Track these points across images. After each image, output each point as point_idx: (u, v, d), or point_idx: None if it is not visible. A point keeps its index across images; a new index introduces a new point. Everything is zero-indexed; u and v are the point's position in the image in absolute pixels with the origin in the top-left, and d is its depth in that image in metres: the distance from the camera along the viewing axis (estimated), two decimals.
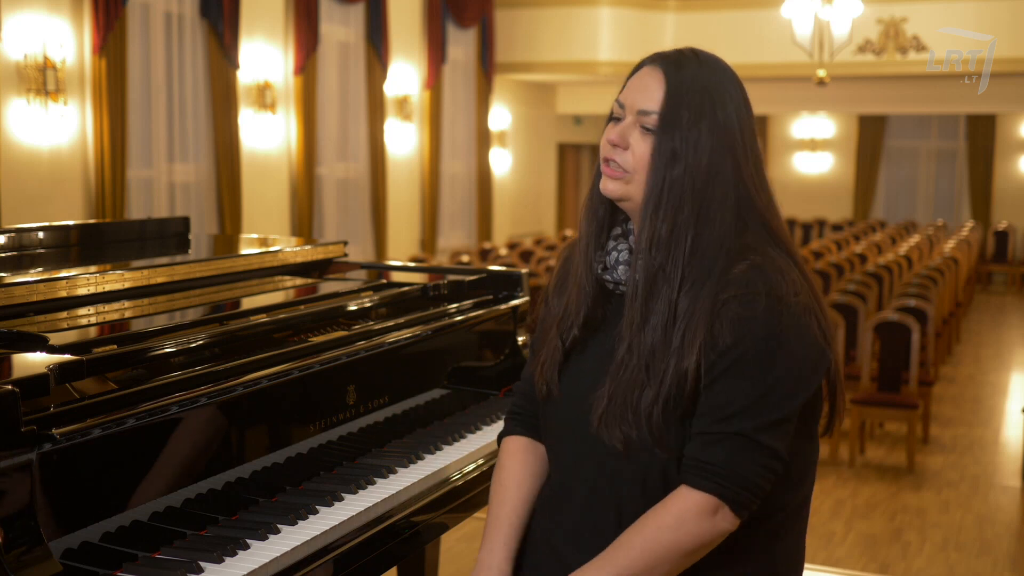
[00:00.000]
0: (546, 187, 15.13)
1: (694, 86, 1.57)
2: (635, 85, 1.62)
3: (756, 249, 1.56)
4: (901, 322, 5.81)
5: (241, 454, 1.92)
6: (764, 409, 1.49)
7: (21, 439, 1.46)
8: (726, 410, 1.49)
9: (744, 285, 1.51)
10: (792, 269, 1.56)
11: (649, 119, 1.57)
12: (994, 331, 11.21)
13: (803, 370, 1.52)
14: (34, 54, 6.82)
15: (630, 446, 1.54)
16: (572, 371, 1.68)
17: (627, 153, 1.59)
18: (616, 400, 1.54)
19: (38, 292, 2.01)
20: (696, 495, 1.50)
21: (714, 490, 1.49)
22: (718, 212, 1.55)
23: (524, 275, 2.84)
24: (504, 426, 1.86)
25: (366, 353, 2.22)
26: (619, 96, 1.64)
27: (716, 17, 12.66)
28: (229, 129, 8.43)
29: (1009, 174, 15.79)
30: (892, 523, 4.93)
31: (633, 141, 1.59)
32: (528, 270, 2.92)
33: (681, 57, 1.61)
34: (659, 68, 1.60)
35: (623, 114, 1.62)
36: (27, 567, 1.43)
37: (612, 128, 1.62)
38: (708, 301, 1.52)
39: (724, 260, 1.54)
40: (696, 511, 1.49)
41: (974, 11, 11.49)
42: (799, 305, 1.52)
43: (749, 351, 1.49)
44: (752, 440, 1.49)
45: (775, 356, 1.49)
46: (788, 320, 1.50)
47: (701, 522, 1.49)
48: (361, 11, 10.19)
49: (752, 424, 1.49)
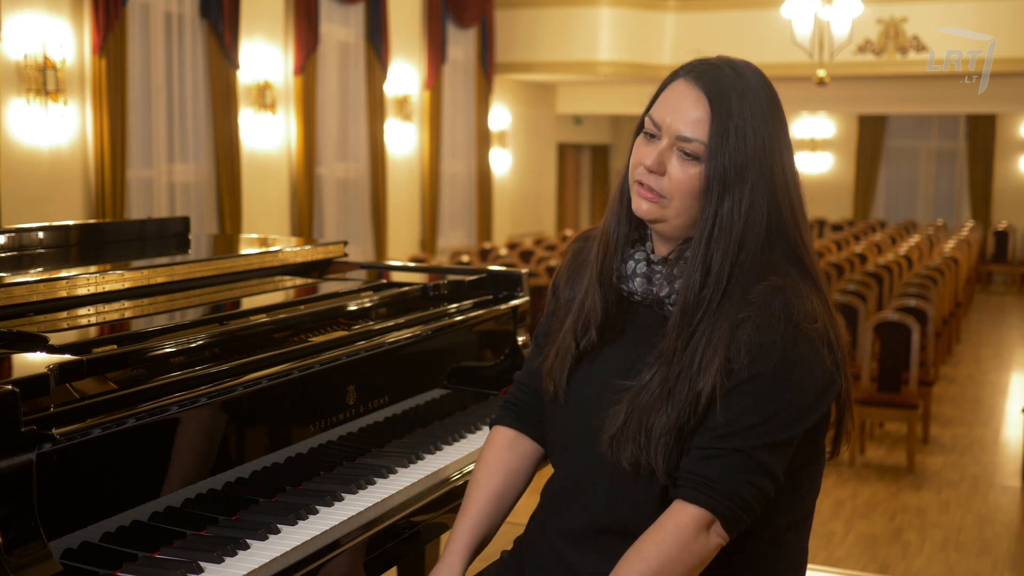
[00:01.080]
0: (546, 187, 15.13)
1: (737, 109, 1.51)
2: (671, 103, 1.55)
3: (778, 270, 1.53)
4: (901, 322, 5.81)
5: (241, 454, 1.92)
6: (767, 431, 1.47)
7: (21, 439, 1.46)
8: (728, 427, 1.48)
9: (762, 307, 1.48)
10: (813, 295, 1.53)
11: (691, 146, 1.52)
12: (994, 331, 11.21)
13: (810, 398, 1.50)
14: (34, 54, 6.82)
15: (639, 469, 1.53)
16: (582, 376, 1.66)
17: (664, 178, 1.54)
18: (631, 423, 1.52)
19: (38, 292, 2.01)
20: (691, 509, 1.48)
21: (707, 504, 1.47)
22: (753, 237, 1.52)
23: (524, 275, 2.84)
24: (498, 413, 1.85)
25: (366, 353, 2.22)
26: (651, 112, 1.57)
27: (716, 17, 12.66)
28: (229, 129, 8.43)
29: (1009, 174, 15.79)
30: (892, 523, 4.93)
31: (671, 167, 1.53)
32: (528, 270, 2.92)
33: (718, 74, 1.54)
34: (698, 87, 1.53)
35: (658, 134, 1.55)
36: (27, 567, 1.43)
37: (647, 149, 1.56)
38: (726, 323, 1.50)
39: (748, 279, 1.52)
40: (693, 526, 1.48)
41: (974, 11, 11.49)
42: (814, 331, 1.49)
43: (760, 375, 1.47)
44: (750, 458, 1.47)
45: (785, 382, 1.47)
46: (803, 348, 1.48)
47: (698, 536, 1.48)
48: (361, 11, 10.19)
49: (752, 443, 1.47)
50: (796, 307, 1.49)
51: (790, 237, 1.56)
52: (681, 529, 1.48)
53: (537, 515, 1.75)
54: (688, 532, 1.47)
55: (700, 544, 1.48)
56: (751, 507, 1.48)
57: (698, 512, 1.48)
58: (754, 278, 1.51)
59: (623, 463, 1.53)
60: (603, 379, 1.62)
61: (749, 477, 1.47)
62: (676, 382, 1.51)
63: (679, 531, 1.48)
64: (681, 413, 1.50)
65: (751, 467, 1.47)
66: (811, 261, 1.57)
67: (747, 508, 1.48)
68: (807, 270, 1.56)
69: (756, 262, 1.52)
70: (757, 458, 1.47)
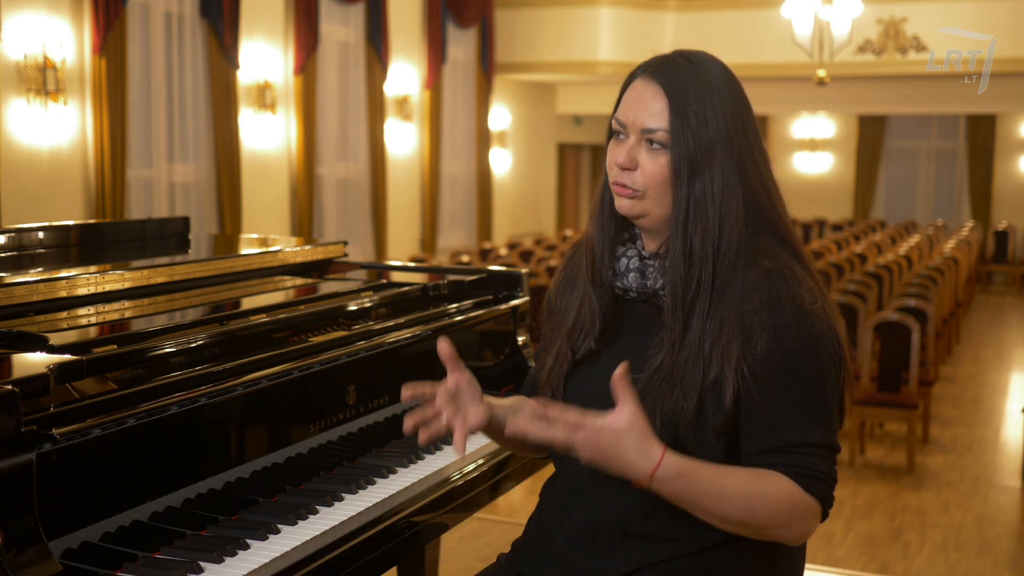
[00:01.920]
0: (546, 187, 15.13)
1: (694, 94, 1.55)
2: (632, 101, 1.60)
3: (767, 254, 1.56)
4: (901, 322, 5.81)
5: (241, 454, 1.92)
6: (829, 416, 1.53)
7: (21, 439, 1.46)
8: (803, 421, 1.51)
9: (766, 292, 1.52)
10: (806, 276, 1.57)
11: (656, 136, 1.56)
12: (994, 331, 11.21)
13: (835, 372, 1.56)
14: (34, 54, 6.82)
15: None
16: (581, 380, 1.68)
17: (636, 173, 1.58)
18: (645, 410, 1.53)
19: (38, 292, 2.01)
20: (810, 500, 1.51)
21: (823, 498, 1.53)
22: (733, 217, 1.56)
23: (524, 275, 2.84)
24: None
25: (366, 353, 2.22)
26: (616, 114, 1.62)
27: (716, 17, 12.66)
28: (229, 129, 8.43)
29: (1009, 174, 15.80)
30: (892, 523, 4.93)
31: (642, 160, 1.58)
32: (528, 270, 2.92)
33: (673, 65, 1.59)
34: (654, 81, 1.58)
35: (625, 132, 1.60)
36: (27, 567, 1.43)
37: (618, 150, 1.60)
38: (733, 310, 1.52)
39: (739, 264, 1.55)
40: (810, 512, 1.52)
41: (974, 11, 11.49)
42: (821, 311, 1.54)
43: (797, 361, 1.51)
44: (834, 450, 1.54)
45: (819, 362, 1.52)
46: (819, 326, 1.53)
47: (808, 520, 1.52)
48: (361, 11, 10.19)
49: (830, 435, 1.53)
50: (795, 289, 1.53)
51: (771, 219, 1.60)
52: (796, 504, 1.50)
53: (537, 517, 1.75)
54: (799, 511, 1.51)
55: (807, 526, 1.53)
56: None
57: (814, 503, 1.52)
58: (744, 263, 1.55)
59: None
60: (604, 379, 1.63)
61: (834, 466, 1.55)
62: (686, 367, 1.53)
63: (794, 504, 1.50)
64: (696, 401, 1.52)
65: (834, 456, 1.54)
66: (796, 242, 1.62)
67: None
68: (795, 252, 1.60)
69: (743, 246, 1.56)
70: (836, 446, 1.55)
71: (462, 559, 4.14)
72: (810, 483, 1.51)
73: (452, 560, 4.07)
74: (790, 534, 1.53)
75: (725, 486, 1.48)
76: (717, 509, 1.49)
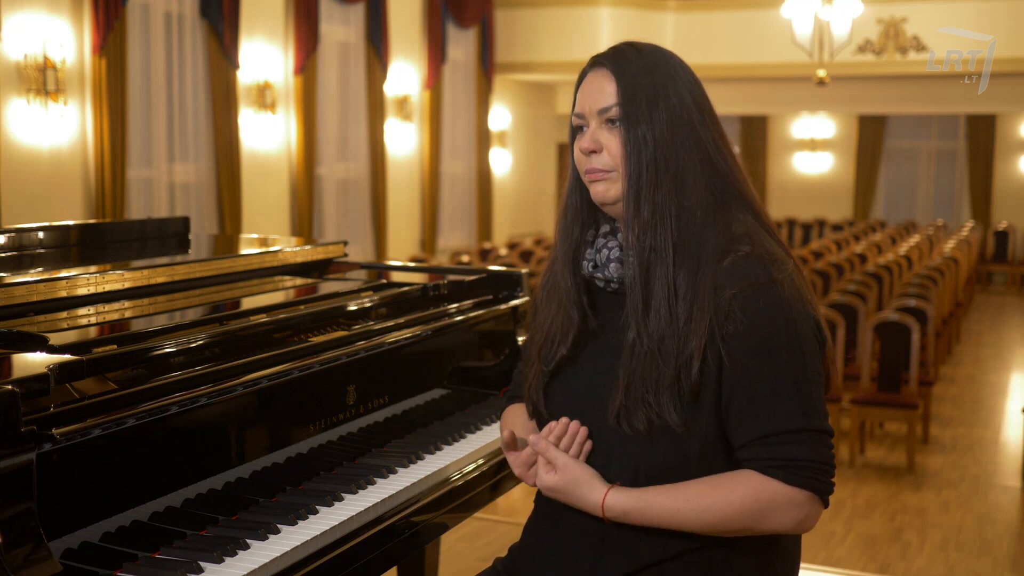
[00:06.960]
0: (546, 187, 15.13)
1: (642, 71, 1.60)
2: (586, 91, 1.65)
3: (745, 234, 1.57)
4: (901, 322, 5.81)
5: (241, 454, 1.92)
6: (813, 400, 1.53)
7: (21, 439, 1.46)
8: (785, 407, 1.51)
9: (744, 276, 1.52)
10: (785, 257, 1.58)
11: (611, 112, 1.60)
12: (994, 331, 11.21)
13: (817, 354, 1.56)
14: (34, 54, 6.82)
15: (653, 430, 1.54)
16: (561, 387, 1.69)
17: (603, 154, 1.61)
18: (634, 388, 1.54)
19: (38, 292, 2.01)
20: (788, 489, 1.52)
21: (808, 485, 1.52)
22: (691, 180, 1.57)
23: (524, 275, 2.84)
24: (505, 404, 1.91)
25: (366, 353, 2.22)
26: (575, 110, 1.66)
27: (716, 17, 12.66)
28: (229, 129, 8.43)
29: (1009, 174, 15.79)
30: (892, 523, 4.93)
31: (604, 140, 1.61)
32: (528, 270, 2.92)
33: (620, 51, 1.64)
34: (604, 67, 1.63)
35: (586, 122, 1.64)
36: (27, 567, 1.43)
37: (581, 138, 1.64)
38: (708, 287, 1.52)
39: (713, 239, 1.55)
40: (790, 502, 1.52)
41: (974, 11, 11.49)
42: (797, 291, 1.55)
43: (775, 348, 1.51)
44: (823, 432, 1.54)
45: (802, 346, 1.53)
46: (797, 309, 1.53)
47: (790, 509, 1.53)
48: (361, 11, 10.19)
49: (814, 419, 1.53)
50: (773, 271, 1.53)
51: (730, 183, 1.61)
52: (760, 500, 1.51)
53: (532, 521, 1.75)
54: (767, 504, 1.52)
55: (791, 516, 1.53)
56: (834, 469, 1.57)
57: (796, 492, 1.52)
58: (714, 231, 1.55)
59: (638, 428, 1.54)
60: (585, 382, 1.66)
61: (826, 448, 1.55)
62: (662, 341, 1.54)
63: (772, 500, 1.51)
64: (676, 370, 1.52)
65: (824, 438, 1.55)
66: (760, 208, 1.64)
67: (833, 472, 1.56)
68: (760, 217, 1.62)
69: (709, 210, 1.57)
70: (826, 428, 1.55)
71: (462, 559, 4.14)
72: (788, 474, 1.51)
73: (452, 560, 4.07)
74: (773, 526, 1.54)
75: (679, 509, 1.52)
76: (682, 526, 1.53)
